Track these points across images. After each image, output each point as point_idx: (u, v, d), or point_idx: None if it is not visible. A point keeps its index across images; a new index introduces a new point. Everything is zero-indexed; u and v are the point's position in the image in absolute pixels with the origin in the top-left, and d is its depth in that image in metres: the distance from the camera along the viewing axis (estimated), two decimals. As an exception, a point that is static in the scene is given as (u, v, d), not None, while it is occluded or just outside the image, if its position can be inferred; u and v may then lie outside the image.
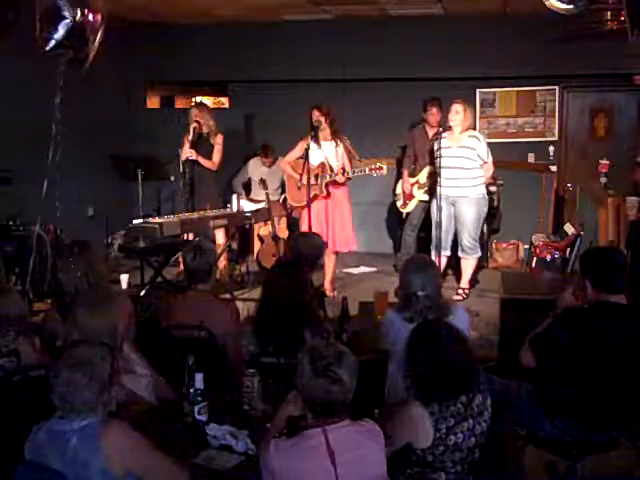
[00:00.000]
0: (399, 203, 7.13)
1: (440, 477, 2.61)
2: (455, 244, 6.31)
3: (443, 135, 5.99)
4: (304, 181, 5.94)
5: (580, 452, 3.22)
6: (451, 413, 2.58)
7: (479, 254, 6.37)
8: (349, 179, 6.16)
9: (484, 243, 7.31)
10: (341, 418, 2.32)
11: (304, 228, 6.11)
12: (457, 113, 6.00)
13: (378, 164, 6.02)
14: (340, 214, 6.20)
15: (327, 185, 6.08)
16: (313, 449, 2.26)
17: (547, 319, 3.40)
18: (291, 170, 6.32)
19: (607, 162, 7.46)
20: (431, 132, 6.83)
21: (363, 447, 2.33)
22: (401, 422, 2.59)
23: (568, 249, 7.18)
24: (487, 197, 6.35)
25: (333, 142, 6.13)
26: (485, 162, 6.09)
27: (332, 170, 6.06)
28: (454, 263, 6.56)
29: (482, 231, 7.48)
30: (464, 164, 6.01)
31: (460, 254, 6.30)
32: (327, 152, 6.10)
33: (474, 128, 6.43)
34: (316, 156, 6.06)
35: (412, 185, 6.92)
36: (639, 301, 3.65)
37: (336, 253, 6.31)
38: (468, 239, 6.17)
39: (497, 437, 2.72)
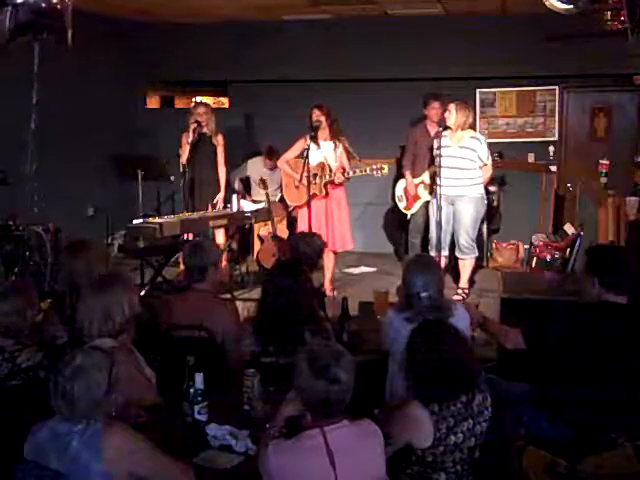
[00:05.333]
0: (402, 205, 6.96)
1: (440, 477, 2.61)
2: (453, 244, 6.30)
3: (443, 134, 5.99)
4: (304, 181, 5.94)
5: (580, 452, 3.22)
6: (451, 413, 2.58)
7: (476, 254, 6.35)
8: (348, 179, 6.16)
9: (481, 243, 7.29)
10: (340, 418, 2.32)
11: (302, 227, 6.11)
12: (449, 113, 6.04)
13: (380, 164, 6.06)
14: (338, 214, 6.21)
15: (326, 185, 6.09)
16: (312, 449, 2.26)
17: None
18: (290, 169, 6.30)
19: (607, 162, 7.44)
20: (432, 130, 6.71)
21: (362, 447, 2.34)
22: (401, 422, 2.59)
23: (568, 249, 7.18)
24: (485, 197, 6.34)
25: (332, 143, 6.12)
26: (485, 164, 6.11)
27: (331, 170, 6.06)
28: (453, 263, 6.56)
29: (481, 230, 7.48)
30: (464, 164, 6.01)
31: (457, 254, 6.29)
32: (326, 152, 6.10)
33: (474, 128, 6.42)
34: (315, 156, 6.06)
35: (416, 186, 6.77)
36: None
37: (335, 253, 6.31)
38: (466, 239, 6.16)
39: (497, 437, 2.72)
